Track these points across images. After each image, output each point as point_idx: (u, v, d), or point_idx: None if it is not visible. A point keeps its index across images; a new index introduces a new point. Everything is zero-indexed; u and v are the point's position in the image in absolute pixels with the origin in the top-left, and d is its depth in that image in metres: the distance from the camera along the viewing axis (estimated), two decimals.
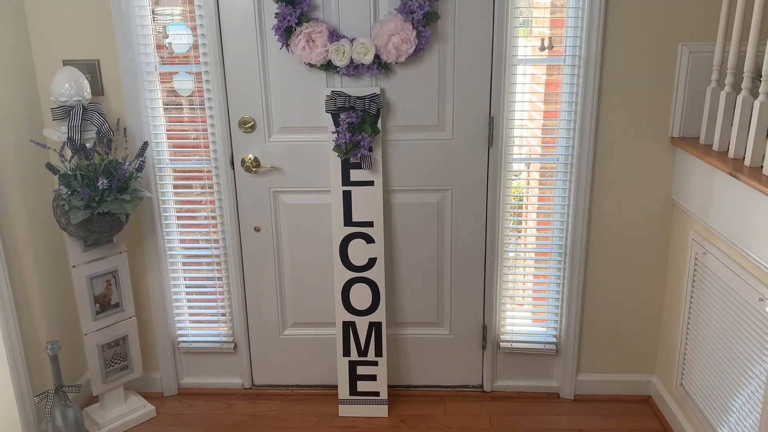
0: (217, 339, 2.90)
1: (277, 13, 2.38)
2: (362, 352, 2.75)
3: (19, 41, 2.47)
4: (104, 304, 2.60)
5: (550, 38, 2.46)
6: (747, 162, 2.04)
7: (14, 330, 2.38)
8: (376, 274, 2.66)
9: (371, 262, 2.64)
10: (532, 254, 2.80)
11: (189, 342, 2.89)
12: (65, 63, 2.51)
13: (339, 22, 2.44)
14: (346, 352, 2.75)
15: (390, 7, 2.41)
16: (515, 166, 2.65)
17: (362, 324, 2.72)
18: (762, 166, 1.97)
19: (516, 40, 2.45)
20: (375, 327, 2.72)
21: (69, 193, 2.28)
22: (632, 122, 2.51)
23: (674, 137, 2.50)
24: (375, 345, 2.74)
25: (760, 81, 1.97)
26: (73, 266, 2.50)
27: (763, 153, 1.97)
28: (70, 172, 2.30)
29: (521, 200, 2.76)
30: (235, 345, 2.88)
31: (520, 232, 2.78)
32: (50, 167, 2.31)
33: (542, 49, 2.46)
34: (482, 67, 2.47)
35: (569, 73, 2.49)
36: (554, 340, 2.82)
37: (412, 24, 2.34)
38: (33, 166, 2.53)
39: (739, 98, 2.08)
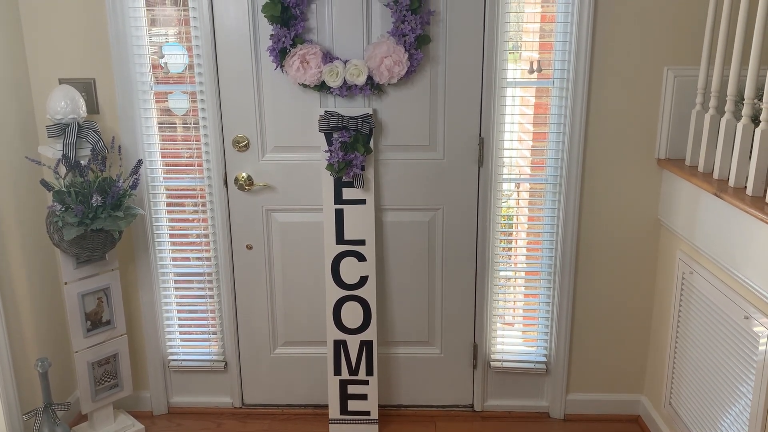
0: (207, 357, 2.89)
1: (272, 35, 2.42)
2: (353, 371, 2.75)
3: (15, 59, 2.50)
4: (95, 321, 2.59)
5: (538, 62, 2.52)
6: (731, 183, 2.08)
7: (4, 346, 2.38)
8: (368, 292, 2.67)
9: (363, 280, 2.66)
10: (522, 274, 2.82)
11: (179, 360, 2.88)
12: (61, 81, 2.54)
13: (333, 44, 2.49)
14: (337, 371, 2.75)
15: (383, 30, 2.46)
16: (505, 186, 2.69)
17: (353, 343, 2.72)
18: (746, 187, 2.02)
19: (505, 63, 2.50)
20: (366, 346, 2.73)
21: (63, 209, 2.29)
22: (619, 144, 2.56)
23: (660, 159, 2.55)
24: (366, 364, 2.74)
25: (743, 104, 2.02)
26: (65, 283, 2.50)
27: (747, 174, 2.01)
28: (64, 189, 2.32)
29: (511, 220, 2.79)
30: (226, 364, 2.87)
31: (510, 251, 2.80)
32: (44, 184, 2.32)
33: (531, 72, 2.51)
34: (472, 89, 2.52)
35: (558, 95, 2.54)
36: (544, 359, 2.84)
37: (404, 47, 2.39)
38: (27, 182, 2.54)
39: (723, 121, 2.13)
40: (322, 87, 2.47)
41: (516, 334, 2.88)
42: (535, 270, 2.78)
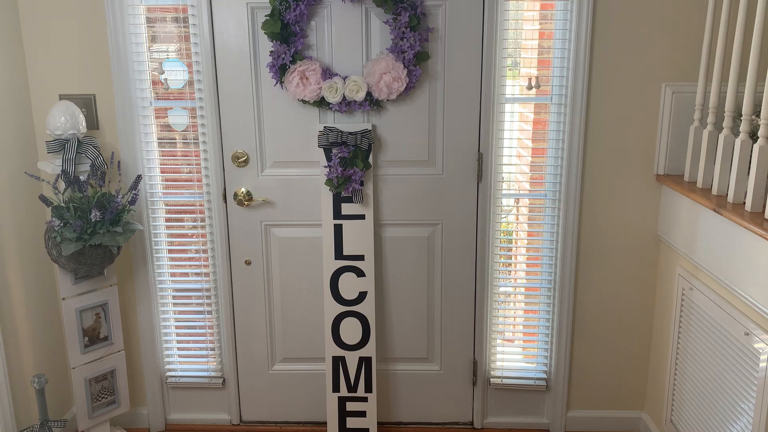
0: (205, 374, 2.87)
1: (271, 51, 2.43)
2: (352, 388, 2.73)
3: (16, 75, 2.51)
4: (93, 337, 2.58)
5: (537, 78, 2.53)
6: (730, 198, 2.09)
7: (1, 362, 2.36)
8: (367, 308, 2.66)
9: (362, 295, 2.65)
10: (522, 289, 2.81)
11: (177, 377, 2.86)
12: (61, 97, 2.55)
13: (332, 61, 2.50)
14: (336, 388, 2.74)
15: (382, 47, 2.47)
16: (504, 202, 2.69)
17: (352, 359, 2.71)
18: (744, 203, 2.02)
19: (504, 80, 2.52)
20: (365, 362, 2.71)
21: (61, 225, 2.29)
22: (618, 160, 2.56)
23: (659, 174, 2.55)
24: (365, 380, 2.72)
25: (741, 120, 2.03)
26: (63, 299, 2.49)
27: (745, 189, 2.02)
28: (63, 204, 2.32)
29: (511, 235, 2.79)
30: (224, 380, 2.86)
31: (509, 267, 2.80)
32: (43, 199, 2.33)
33: (530, 88, 2.52)
34: (471, 105, 2.53)
35: (556, 111, 2.55)
36: (544, 376, 2.82)
37: (403, 63, 2.41)
38: (26, 198, 2.54)
39: (721, 137, 2.13)
40: (321, 103, 2.48)
41: (516, 350, 2.87)
42: (535, 285, 2.77)
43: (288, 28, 2.39)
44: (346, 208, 2.59)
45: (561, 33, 2.47)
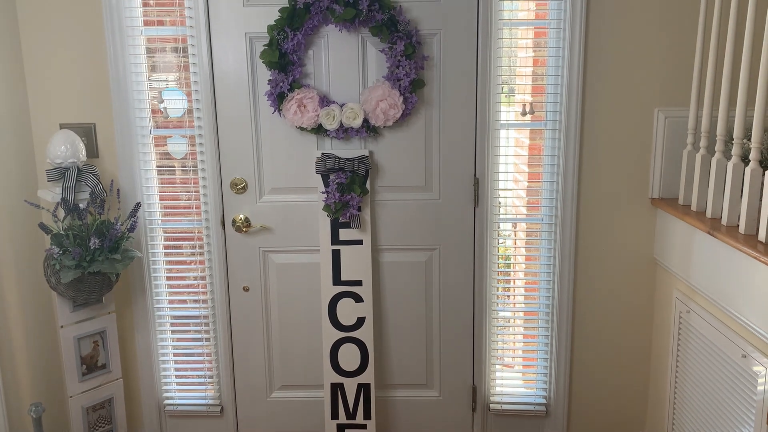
0: (203, 402, 2.86)
1: (270, 80, 2.47)
2: (351, 415, 2.72)
3: (17, 104, 2.54)
4: (91, 365, 2.57)
5: (531, 104, 2.56)
6: (724, 221, 2.10)
7: None
8: (365, 333, 2.66)
9: (360, 321, 2.65)
10: (521, 314, 2.81)
11: (175, 405, 2.84)
12: (62, 126, 2.58)
13: (329, 89, 2.54)
14: (335, 415, 2.72)
15: (378, 75, 2.51)
16: (501, 226, 2.70)
17: (350, 386, 2.70)
18: (738, 225, 2.04)
19: (498, 106, 2.55)
20: (363, 389, 2.70)
21: (60, 252, 2.30)
22: (613, 184, 2.59)
23: (654, 198, 2.57)
24: (363, 407, 2.71)
25: (733, 143, 2.06)
26: (61, 326, 2.49)
27: (739, 212, 2.03)
28: (62, 232, 2.33)
29: (508, 259, 2.80)
30: (222, 408, 2.84)
31: (508, 291, 2.80)
32: (43, 227, 2.34)
33: (524, 114, 2.56)
34: (467, 130, 2.56)
35: (551, 137, 2.58)
36: (544, 401, 2.80)
37: (399, 90, 2.44)
38: (25, 226, 2.56)
39: (714, 160, 2.16)
40: (319, 130, 2.51)
41: (515, 375, 2.86)
42: (534, 310, 2.77)
43: (286, 57, 2.43)
44: (344, 234, 2.61)
45: (554, 60, 2.51)
